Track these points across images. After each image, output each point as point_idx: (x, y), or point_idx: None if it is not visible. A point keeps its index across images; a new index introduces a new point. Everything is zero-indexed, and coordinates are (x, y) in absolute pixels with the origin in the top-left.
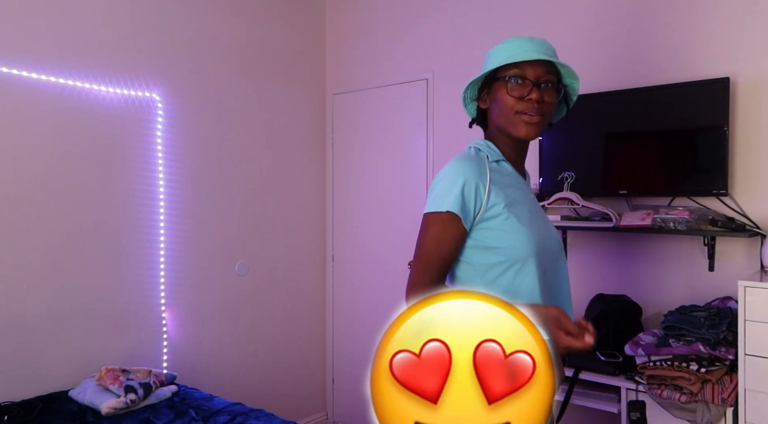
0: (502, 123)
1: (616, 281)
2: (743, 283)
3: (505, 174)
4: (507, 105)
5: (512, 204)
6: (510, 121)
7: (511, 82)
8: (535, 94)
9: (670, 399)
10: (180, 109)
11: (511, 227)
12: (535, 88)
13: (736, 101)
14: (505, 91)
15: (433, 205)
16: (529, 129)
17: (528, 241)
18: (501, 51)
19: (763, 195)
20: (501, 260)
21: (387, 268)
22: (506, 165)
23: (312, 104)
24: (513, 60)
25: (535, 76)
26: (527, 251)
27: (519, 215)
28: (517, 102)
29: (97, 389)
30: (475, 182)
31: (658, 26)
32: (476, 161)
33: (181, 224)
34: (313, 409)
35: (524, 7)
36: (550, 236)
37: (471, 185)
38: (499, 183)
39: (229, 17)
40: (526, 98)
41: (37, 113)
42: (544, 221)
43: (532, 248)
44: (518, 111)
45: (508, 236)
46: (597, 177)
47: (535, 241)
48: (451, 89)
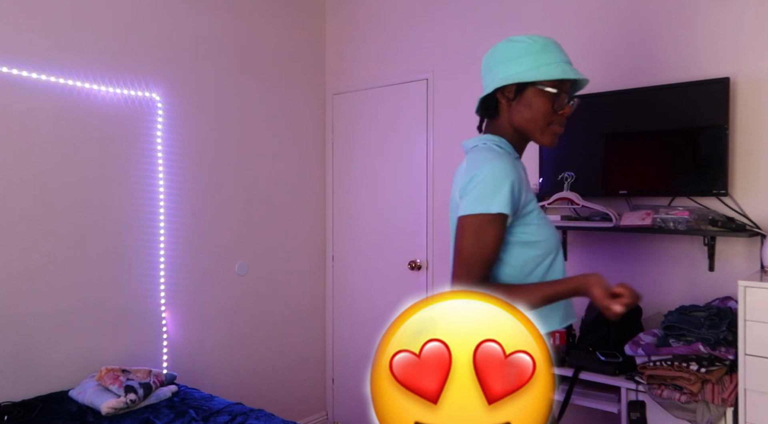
0: (529, 128)
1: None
2: (743, 283)
3: (522, 170)
4: (543, 114)
5: (534, 200)
6: (539, 129)
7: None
8: (568, 110)
9: (670, 399)
10: (180, 109)
11: (544, 221)
12: (569, 104)
13: (736, 101)
14: (547, 102)
15: (481, 205)
16: (553, 139)
17: (554, 233)
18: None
19: (763, 195)
20: (539, 253)
21: (387, 268)
22: (519, 162)
23: (312, 104)
24: (565, 76)
25: (570, 92)
26: (557, 242)
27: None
28: (553, 115)
29: (97, 389)
30: (519, 181)
31: (659, 26)
32: (510, 159)
33: (181, 224)
34: (313, 409)
35: (524, 6)
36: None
37: (516, 185)
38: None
39: (229, 17)
40: (559, 112)
41: (37, 113)
42: None
43: (558, 240)
44: (551, 122)
45: (544, 230)
46: (597, 177)
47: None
48: (451, 89)
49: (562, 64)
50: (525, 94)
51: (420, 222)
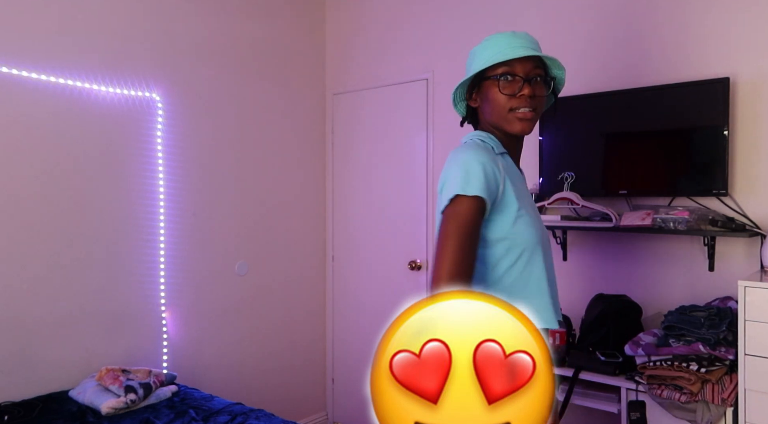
0: (496, 121)
1: (616, 281)
2: (743, 283)
3: (509, 165)
4: (500, 103)
5: (520, 195)
6: (504, 119)
7: (502, 81)
8: (527, 90)
9: (670, 399)
10: (180, 109)
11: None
12: (526, 84)
13: (736, 101)
14: (497, 89)
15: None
16: (524, 125)
17: (536, 230)
18: (487, 49)
19: (763, 195)
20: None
21: (387, 268)
22: (508, 158)
23: (312, 104)
24: (502, 59)
25: (525, 71)
26: (536, 240)
27: (527, 206)
28: (510, 99)
29: (97, 389)
30: (493, 168)
31: (659, 26)
32: (487, 150)
33: (181, 224)
34: (313, 409)
35: (524, 6)
36: (544, 230)
37: (490, 170)
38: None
39: (229, 17)
40: (518, 95)
41: (37, 113)
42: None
43: (539, 238)
44: (512, 108)
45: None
46: (597, 177)
47: (541, 231)
48: (451, 89)
49: (504, 49)
50: (482, 91)
51: (420, 222)
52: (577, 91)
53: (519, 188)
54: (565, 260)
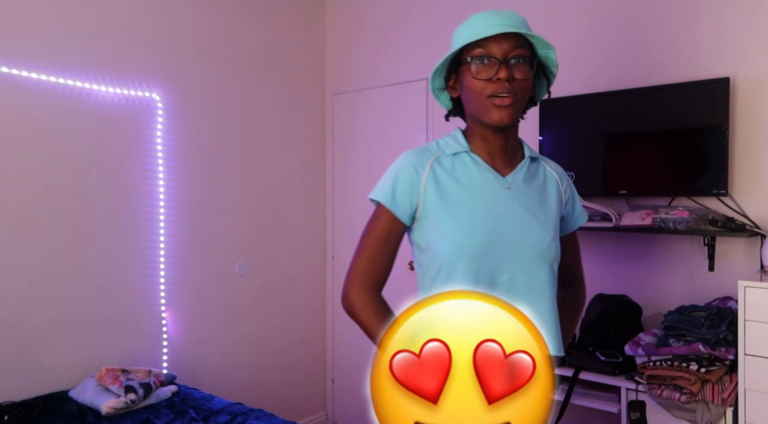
0: (474, 110)
1: (616, 281)
2: (743, 283)
3: (462, 168)
4: (475, 90)
5: (454, 201)
6: (482, 107)
7: (475, 64)
8: (503, 73)
9: (670, 399)
10: (180, 109)
11: (440, 226)
12: (502, 65)
13: (736, 101)
14: (471, 74)
15: (371, 193)
16: (502, 113)
17: (457, 242)
18: (464, 29)
19: (763, 195)
20: (432, 262)
21: None
22: (469, 158)
23: (312, 104)
24: (475, 38)
25: (502, 52)
26: (454, 254)
27: (457, 213)
28: (487, 85)
29: (97, 389)
30: (411, 176)
31: (658, 26)
32: (419, 155)
33: (181, 224)
34: (313, 409)
35: (523, 6)
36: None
37: (405, 179)
38: (443, 178)
39: (229, 17)
40: (494, 79)
41: (37, 113)
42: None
43: (462, 251)
44: (489, 94)
45: (435, 236)
46: (597, 177)
47: (473, 243)
48: None
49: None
50: (459, 77)
51: None
52: (577, 91)
53: (462, 192)
54: None
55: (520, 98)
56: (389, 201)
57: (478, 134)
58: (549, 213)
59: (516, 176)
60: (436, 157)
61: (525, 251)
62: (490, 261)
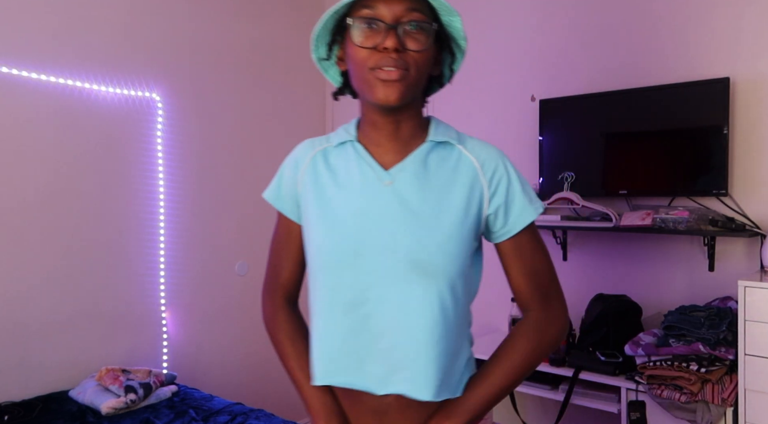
0: (359, 86)
1: (616, 281)
2: (743, 283)
3: (343, 161)
4: (358, 60)
5: (325, 201)
6: (365, 83)
7: (359, 28)
8: (390, 41)
9: (670, 399)
10: (180, 109)
11: (307, 231)
12: (391, 32)
13: (736, 101)
14: (352, 41)
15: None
16: (388, 90)
17: (317, 249)
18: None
19: (763, 195)
20: (310, 267)
21: None
22: (352, 147)
23: (312, 104)
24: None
25: (393, 15)
26: (316, 263)
27: (323, 215)
28: (371, 54)
29: (97, 389)
30: (291, 170)
31: (658, 26)
32: (307, 146)
33: (181, 224)
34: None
35: (523, 6)
36: (393, 245)
37: (287, 173)
38: (322, 173)
39: (229, 17)
40: (380, 47)
41: (37, 113)
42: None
43: (322, 259)
44: (372, 67)
45: (306, 242)
46: (597, 177)
47: (334, 250)
48: (450, 89)
49: None
50: (345, 47)
51: None
52: (577, 91)
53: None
54: (565, 260)
55: (414, 74)
56: (275, 199)
57: (367, 119)
58: (448, 213)
59: (404, 168)
60: (323, 148)
61: (397, 260)
62: (354, 273)
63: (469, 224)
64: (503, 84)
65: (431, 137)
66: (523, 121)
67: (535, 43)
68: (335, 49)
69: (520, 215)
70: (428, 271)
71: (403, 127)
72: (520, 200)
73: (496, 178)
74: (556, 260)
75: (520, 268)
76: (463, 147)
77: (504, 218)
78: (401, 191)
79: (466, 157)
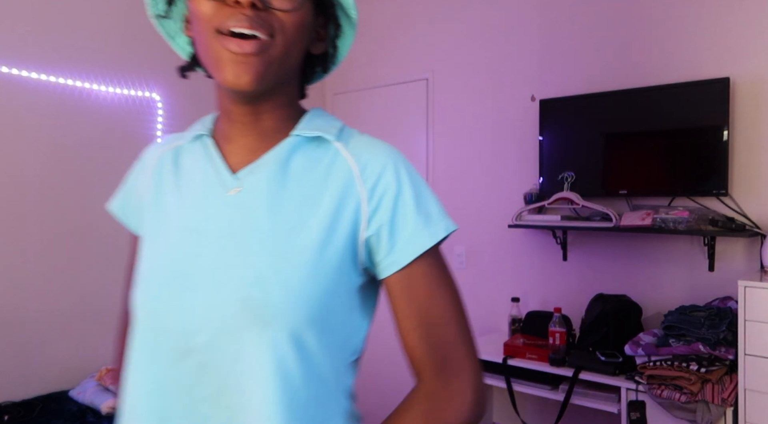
0: (204, 59)
1: (616, 281)
2: (743, 283)
3: (190, 160)
4: (200, 16)
5: (161, 214)
6: (211, 55)
7: None
8: None
9: (670, 399)
10: (180, 109)
11: (140, 249)
12: None
13: (736, 101)
14: None
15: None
16: (239, 68)
17: (142, 274)
18: None
19: (763, 195)
20: None
21: None
22: (201, 144)
23: (312, 104)
24: None
25: None
26: (137, 294)
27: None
28: (217, 9)
29: (97, 389)
30: (136, 176)
31: (659, 26)
32: (158, 144)
33: None
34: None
35: (523, 6)
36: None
37: (131, 180)
38: (165, 177)
39: None
40: (230, 1)
41: (37, 113)
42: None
43: (139, 293)
44: (219, 27)
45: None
46: (597, 177)
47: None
48: (451, 89)
49: None
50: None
51: None
52: (577, 91)
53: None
54: (565, 260)
55: (281, 45)
56: (121, 210)
57: (221, 106)
58: (304, 234)
59: (255, 171)
60: (176, 146)
61: (224, 298)
62: (178, 314)
63: (333, 250)
64: (503, 84)
65: (298, 131)
66: (523, 121)
67: (535, 43)
68: (179, 4)
69: (410, 239)
70: (260, 317)
71: (265, 119)
72: (412, 219)
73: (380, 188)
74: (556, 260)
75: (410, 317)
76: (343, 146)
77: (389, 244)
78: (248, 203)
79: (343, 159)
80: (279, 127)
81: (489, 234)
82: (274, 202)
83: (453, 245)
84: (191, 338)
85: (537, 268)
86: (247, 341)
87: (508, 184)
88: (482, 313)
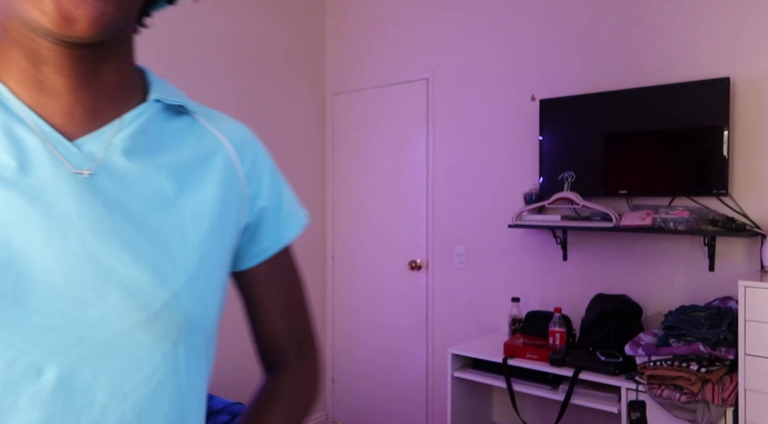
0: None
1: (616, 281)
2: (743, 283)
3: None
4: None
5: None
6: None
7: None
8: None
9: (670, 399)
10: None
11: None
12: None
13: (736, 101)
14: None
15: None
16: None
17: None
18: None
19: (763, 195)
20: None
21: (387, 268)
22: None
23: (312, 104)
24: None
25: None
26: None
27: None
28: None
29: None
30: None
31: (659, 26)
32: None
33: None
34: (313, 409)
35: (523, 6)
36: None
37: None
38: None
39: (228, 17)
40: None
41: None
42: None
43: None
44: None
45: None
46: (597, 177)
47: None
48: (451, 89)
49: None
50: None
51: (420, 222)
52: (577, 91)
53: None
54: (565, 260)
55: None
56: None
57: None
58: (192, 227)
59: (112, 143)
60: None
61: (110, 309)
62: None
63: (227, 240)
64: (503, 84)
65: (158, 95)
66: (523, 121)
67: (535, 43)
68: None
69: (284, 226)
70: (164, 323)
71: (107, 71)
72: (286, 206)
73: (257, 171)
74: (557, 259)
75: (277, 304)
76: (208, 121)
77: (263, 230)
78: (109, 188)
79: (213, 136)
80: (123, 83)
81: (489, 234)
82: (141, 186)
83: (453, 244)
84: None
85: (537, 268)
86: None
87: (508, 184)
88: (482, 313)
